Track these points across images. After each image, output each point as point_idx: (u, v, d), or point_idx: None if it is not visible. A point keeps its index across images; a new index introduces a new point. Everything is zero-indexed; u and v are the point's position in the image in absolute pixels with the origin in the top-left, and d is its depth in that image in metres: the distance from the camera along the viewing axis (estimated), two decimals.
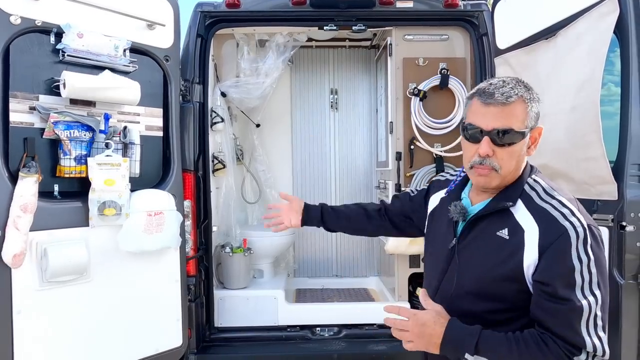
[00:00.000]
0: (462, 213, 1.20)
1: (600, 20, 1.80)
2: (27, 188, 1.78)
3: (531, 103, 1.12)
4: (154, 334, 2.25)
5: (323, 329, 2.88)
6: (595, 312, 1.03)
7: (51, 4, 1.91)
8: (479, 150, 1.10)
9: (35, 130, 1.90)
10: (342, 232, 1.70)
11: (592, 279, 1.03)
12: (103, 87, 1.99)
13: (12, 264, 1.75)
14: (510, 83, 1.12)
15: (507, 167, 1.12)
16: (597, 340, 1.02)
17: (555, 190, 1.14)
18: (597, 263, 1.04)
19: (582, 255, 1.03)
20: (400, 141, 3.04)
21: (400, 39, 3.03)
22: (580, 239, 1.03)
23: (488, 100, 1.09)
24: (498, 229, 1.13)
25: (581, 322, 1.02)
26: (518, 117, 1.09)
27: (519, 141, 1.10)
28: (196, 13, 2.80)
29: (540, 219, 1.08)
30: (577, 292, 1.02)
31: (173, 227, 2.25)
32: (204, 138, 2.78)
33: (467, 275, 1.17)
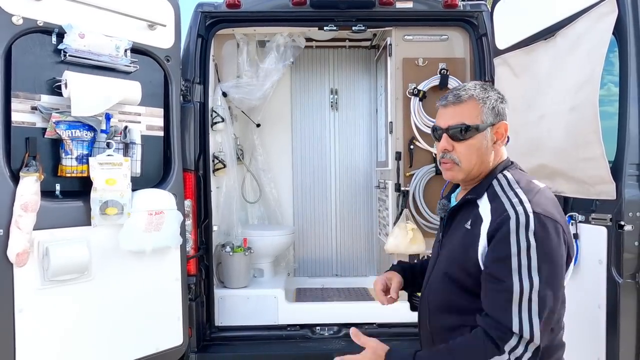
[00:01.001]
0: (444, 209, 1.32)
1: (599, 21, 1.81)
2: (27, 187, 1.79)
3: (485, 100, 1.22)
4: (154, 333, 2.26)
5: (323, 328, 2.89)
6: (530, 296, 1.03)
7: (53, 5, 1.92)
8: (439, 146, 1.25)
9: (37, 130, 1.91)
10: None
11: (531, 264, 1.05)
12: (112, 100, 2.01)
13: (16, 262, 1.76)
14: (467, 86, 1.25)
15: (467, 160, 1.22)
16: (527, 323, 1.03)
17: (519, 182, 1.19)
18: (540, 250, 1.06)
19: (521, 240, 1.06)
20: (400, 141, 3.05)
21: (400, 39, 3.04)
22: (522, 224, 1.07)
23: (443, 102, 1.26)
24: (465, 221, 1.21)
25: (512, 304, 1.04)
26: (471, 113, 1.21)
27: (474, 135, 1.21)
28: (197, 13, 2.81)
29: (494, 209, 1.15)
30: (513, 275, 1.05)
31: (174, 226, 2.26)
32: (205, 138, 2.79)
33: (441, 265, 1.27)
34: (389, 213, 3.17)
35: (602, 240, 1.75)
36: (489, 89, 1.25)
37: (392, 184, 3.08)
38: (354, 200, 4.03)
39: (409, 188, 3.00)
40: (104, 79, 2.04)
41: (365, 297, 3.44)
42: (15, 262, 1.76)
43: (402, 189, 3.02)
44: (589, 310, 1.78)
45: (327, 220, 4.03)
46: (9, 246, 1.76)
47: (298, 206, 4.00)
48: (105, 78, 2.05)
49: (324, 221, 4.02)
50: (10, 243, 1.76)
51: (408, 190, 3.00)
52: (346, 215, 4.02)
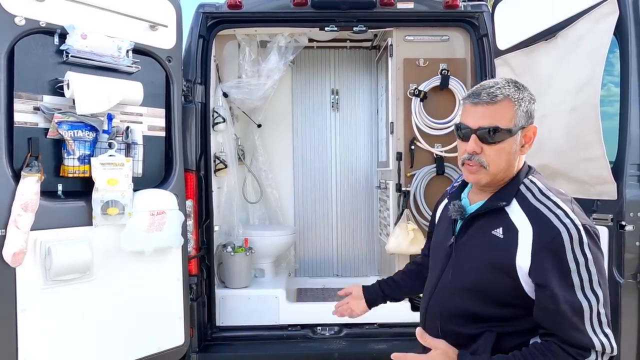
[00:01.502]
0: (460, 211, 1.23)
1: (600, 21, 1.81)
2: (28, 187, 1.79)
3: (520, 102, 1.13)
4: (156, 333, 2.26)
5: (324, 328, 2.89)
6: (598, 310, 1.03)
7: (55, 5, 1.92)
8: (467, 147, 1.15)
9: (39, 130, 1.92)
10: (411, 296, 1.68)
11: (592, 277, 1.04)
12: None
13: (12, 262, 1.76)
14: (500, 83, 1.15)
15: (496, 164, 1.14)
16: (603, 337, 1.03)
17: (551, 190, 1.15)
18: (596, 262, 1.05)
19: (578, 255, 1.04)
20: (401, 141, 3.05)
21: (401, 39, 3.05)
22: (575, 239, 1.04)
23: (475, 100, 1.14)
24: (493, 228, 1.15)
25: (585, 322, 1.02)
26: (504, 115, 1.12)
27: (506, 139, 1.13)
28: (198, 14, 2.81)
29: (535, 220, 1.09)
30: (578, 292, 1.03)
31: (175, 226, 2.27)
32: (206, 138, 2.80)
33: (463, 270, 1.19)
34: (390, 213, 3.17)
35: (603, 240, 1.74)
36: (522, 88, 1.16)
37: (393, 184, 3.08)
38: (354, 200, 4.03)
39: (410, 188, 3.00)
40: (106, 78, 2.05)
41: None
42: (11, 262, 1.76)
43: (403, 189, 3.03)
44: None
45: (328, 221, 4.03)
46: (5, 245, 1.76)
47: (299, 206, 4.01)
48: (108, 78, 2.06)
49: (325, 221, 4.03)
50: (7, 242, 1.76)
51: (409, 191, 3.01)
52: (347, 216, 4.02)
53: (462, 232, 1.23)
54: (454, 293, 1.20)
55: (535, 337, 1.12)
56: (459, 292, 1.19)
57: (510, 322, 1.12)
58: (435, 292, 1.26)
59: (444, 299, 1.21)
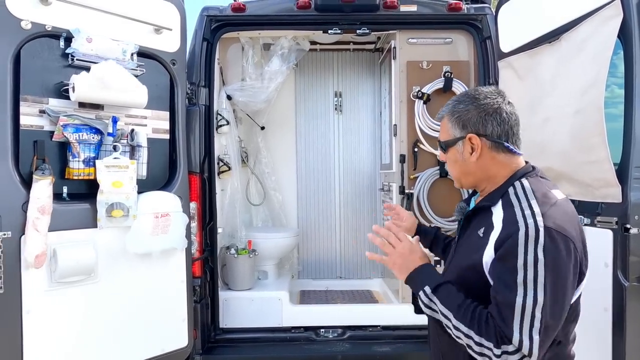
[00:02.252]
0: (462, 212, 1.31)
1: (604, 24, 1.81)
2: (42, 190, 1.82)
3: (453, 114, 1.24)
4: (160, 335, 2.27)
5: (327, 330, 2.89)
6: (533, 312, 1.02)
7: (61, 9, 1.94)
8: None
9: (44, 133, 1.93)
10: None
11: (538, 279, 1.02)
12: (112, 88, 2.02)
13: (35, 264, 1.79)
14: (450, 101, 1.27)
15: (452, 172, 1.30)
16: (527, 339, 1.02)
17: (535, 192, 1.14)
18: (549, 266, 1.03)
19: (529, 253, 1.04)
20: (404, 144, 3.05)
21: (404, 42, 3.05)
22: (531, 238, 1.04)
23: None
24: (479, 228, 1.19)
25: (514, 318, 1.03)
26: (445, 130, 1.27)
27: (450, 149, 1.26)
28: (202, 17, 2.83)
29: (505, 219, 1.12)
30: (518, 289, 1.03)
31: (179, 228, 2.28)
32: (210, 140, 2.81)
33: (452, 270, 1.27)
34: None
35: (608, 243, 1.75)
36: (465, 100, 1.22)
37: (397, 186, 3.08)
38: (358, 202, 4.03)
39: (413, 191, 3.00)
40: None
41: (369, 300, 3.44)
42: (34, 264, 1.79)
43: (407, 191, 3.03)
44: (595, 314, 1.77)
45: (331, 223, 4.03)
46: (27, 249, 1.79)
47: (302, 208, 4.01)
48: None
49: (328, 223, 4.03)
50: (28, 245, 1.79)
51: (412, 193, 3.00)
52: (350, 218, 4.02)
53: (462, 232, 1.30)
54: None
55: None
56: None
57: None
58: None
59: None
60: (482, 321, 1.07)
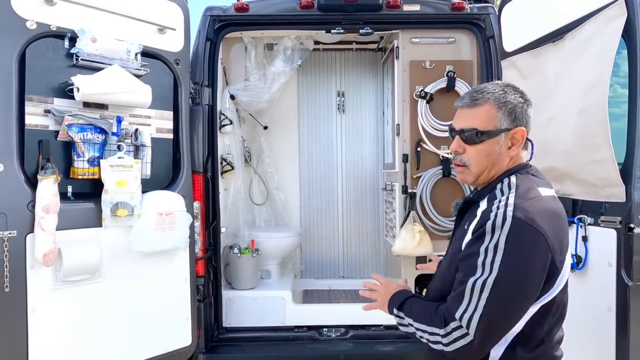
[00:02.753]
0: (456, 208, 1.32)
1: (607, 23, 1.81)
2: (46, 189, 1.83)
3: (503, 105, 1.18)
4: (163, 333, 2.28)
5: (330, 329, 2.90)
6: (480, 294, 1.04)
7: (66, 10, 1.95)
8: (450, 146, 1.26)
9: (49, 132, 1.94)
10: None
11: (493, 265, 1.04)
12: (115, 91, 2.04)
13: (44, 262, 1.81)
14: (487, 87, 1.21)
15: (476, 164, 1.21)
16: (468, 315, 1.04)
17: (518, 187, 1.14)
18: (507, 254, 1.04)
19: (492, 240, 1.06)
20: (407, 143, 3.05)
21: (407, 41, 3.05)
22: (497, 225, 1.07)
23: (459, 103, 1.25)
24: (467, 221, 1.21)
25: (464, 295, 1.06)
26: (483, 118, 1.18)
27: (485, 140, 1.19)
28: (205, 17, 2.84)
29: (484, 211, 1.15)
30: (474, 270, 1.06)
31: (183, 227, 2.28)
32: (213, 140, 2.82)
33: (446, 260, 1.29)
34: (396, 215, 3.17)
35: (611, 242, 1.75)
36: (510, 92, 1.20)
37: (399, 186, 3.08)
38: (360, 202, 4.03)
39: (416, 190, 3.00)
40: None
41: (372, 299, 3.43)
42: (43, 262, 1.81)
43: (409, 191, 3.03)
44: (598, 313, 1.77)
45: (334, 222, 4.03)
46: (35, 248, 1.81)
47: (305, 208, 4.02)
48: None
49: (331, 223, 4.03)
50: (36, 244, 1.81)
51: (415, 193, 3.01)
52: (353, 217, 4.03)
53: (454, 227, 1.34)
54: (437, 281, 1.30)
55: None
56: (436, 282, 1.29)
57: None
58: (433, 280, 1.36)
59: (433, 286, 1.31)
60: (432, 312, 1.12)
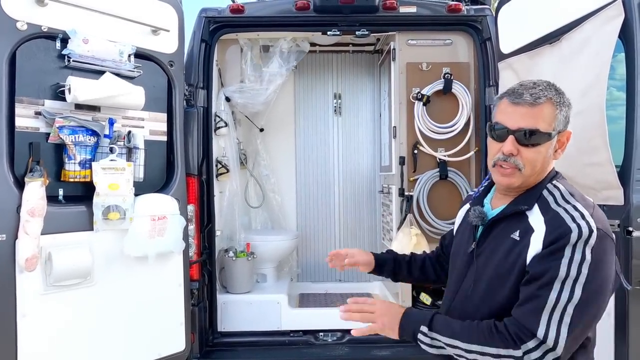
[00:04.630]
0: (481, 217, 1.21)
1: (605, 24, 1.79)
2: (33, 192, 1.79)
3: (561, 107, 1.12)
4: (157, 338, 2.24)
5: (326, 334, 2.87)
6: (565, 307, 0.99)
7: (57, 10, 1.92)
8: (503, 148, 1.12)
9: (40, 135, 1.91)
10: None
11: (579, 278, 1.00)
12: (109, 95, 2.01)
13: (26, 267, 1.77)
14: (541, 85, 1.14)
15: (531, 167, 1.12)
16: (554, 332, 0.98)
17: (573, 195, 1.12)
18: (594, 267, 1.01)
19: (576, 252, 1.01)
20: (404, 146, 3.03)
21: (404, 43, 3.04)
22: (582, 239, 1.01)
23: (516, 100, 1.12)
24: (512, 232, 1.13)
25: (544, 311, 0.99)
26: (545, 118, 1.10)
27: (544, 142, 1.11)
28: (200, 18, 2.82)
29: (550, 221, 1.07)
30: (555, 284, 1.00)
31: (176, 231, 2.25)
32: (208, 142, 2.79)
33: (483, 277, 1.17)
34: (393, 218, 3.15)
35: None
36: (562, 92, 1.15)
37: (396, 188, 3.06)
38: (357, 205, 4.01)
39: (413, 193, 2.99)
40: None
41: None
42: (25, 267, 1.77)
43: (406, 193, 3.01)
44: None
45: (331, 225, 4.01)
46: (17, 252, 1.77)
47: (301, 211, 3.99)
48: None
49: (328, 226, 4.01)
50: (18, 248, 1.77)
51: (412, 195, 2.99)
52: (350, 220, 4.00)
53: (482, 238, 1.21)
54: (475, 300, 1.18)
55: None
56: (479, 300, 1.17)
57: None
58: (455, 299, 1.24)
59: (464, 306, 1.20)
60: (490, 332, 1.03)
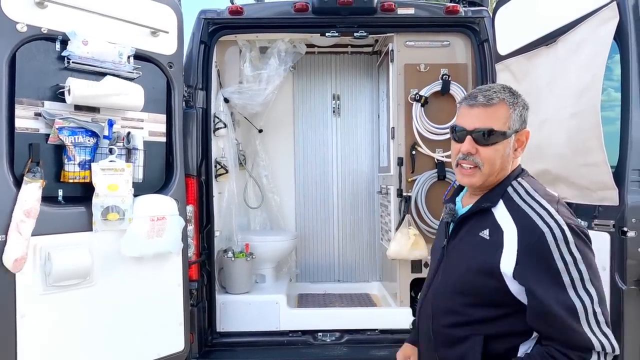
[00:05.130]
0: (452, 214, 1.27)
1: (600, 26, 1.81)
2: (31, 193, 1.80)
3: (515, 106, 1.18)
4: (156, 339, 2.25)
5: (325, 334, 2.88)
6: (593, 309, 1.01)
7: (57, 12, 1.93)
8: (461, 148, 1.19)
9: (40, 136, 1.93)
10: None
11: (583, 276, 1.02)
12: (107, 94, 2.02)
13: (13, 268, 1.75)
14: (495, 87, 1.20)
15: (490, 165, 1.17)
16: (602, 337, 1.00)
17: (537, 191, 1.15)
18: (585, 260, 1.03)
19: (565, 255, 1.03)
20: (402, 147, 3.05)
21: (402, 45, 3.06)
22: (560, 239, 1.04)
23: (472, 102, 1.19)
24: (480, 230, 1.17)
25: (581, 322, 1.00)
26: (499, 118, 1.16)
27: (500, 141, 1.16)
28: (200, 20, 2.83)
29: (518, 221, 1.11)
30: (570, 292, 1.02)
31: (175, 232, 2.26)
32: (207, 143, 2.81)
33: (451, 272, 1.22)
34: (391, 218, 3.17)
35: (605, 246, 1.74)
36: (517, 94, 1.20)
37: (394, 189, 3.07)
38: (356, 205, 4.02)
39: (411, 193, 3.00)
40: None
41: (367, 303, 3.43)
42: (12, 268, 1.75)
43: (404, 194, 3.02)
44: None
45: (329, 226, 4.02)
46: (6, 251, 1.75)
47: (300, 211, 4.00)
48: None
49: (326, 226, 4.02)
50: (8, 248, 1.75)
51: (410, 196, 3.00)
52: (348, 221, 4.02)
53: (453, 234, 1.25)
54: (444, 294, 1.22)
55: (525, 341, 1.12)
56: (448, 294, 1.21)
57: (498, 322, 1.12)
58: (427, 293, 1.28)
59: (435, 300, 1.24)
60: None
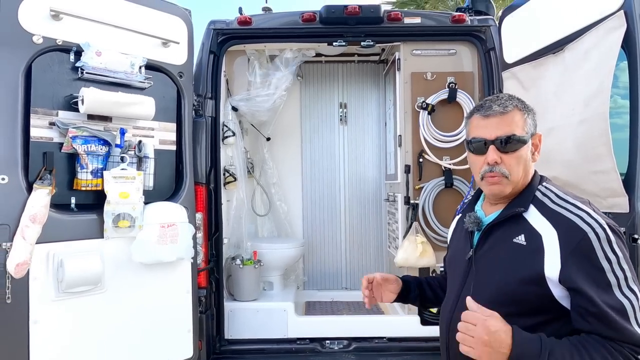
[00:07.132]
0: (477, 222, 1.23)
1: (607, 34, 1.82)
2: (39, 199, 1.82)
3: (527, 112, 1.20)
4: (165, 345, 2.26)
5: (332, 341, 2.87)
6: (639, 306, 1.01)
7: (71, 24, 1.99)
8: (487, 159, 1.16)
9: (54, 144, 1.96)
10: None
11: (627, 274, 1.03)
12: (120, 102, 2.07)
13: (15, 272, 1.75)
14: (505, 96, 1.22)
15: (516, 172, 1.17)
16: None
17: (567, 194, 1.15)
18: (626, 259, 1.04)
19: (609, 254, 1.03)
20: (409, 154, 3.06)
21: (409, 53, 3.08)
22: (603, 238, 1.03)
23: (487, 112, 1.18)
24: (514, 236, 1.14)
25: (630, 320, 1.00)
26: (517, 123, 1.17)
27: (522, 146, 1.17)
28: (209, 30, 2.88)
29: (558, 223, 1.08)
30: (616, 292, 1.02)
31: (185, 239, 2.29)
32: (216, 152, 2.83)
33: (486, 283, 1.17)
34: (399, 226, 3.17)
35: None
36: (523, 101, 1.23)
37: (402, 197, 3.08)
38: (363, 213, 4.03)
39: (419, 201, 3.00)
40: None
41: (375, 311, 3.41)
42: (14, 273, 1.75)
43: (412, 202, 3.02)
44: None
45: (337, 233, 4.03)
46: (10, 255, 1.75)
47: (307, 219, 4.02)
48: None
49: (334, 234, 4.03)
50: (12, 252, 1.75)
51: (417, 203, 3.00)
52: (355, 228, 4.02)
53: (480, 243, 1.21)
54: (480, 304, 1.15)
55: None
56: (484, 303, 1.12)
57: (539, 330, 1.08)
58: (457, 308, 1.22)
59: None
60: (607, 354, 0.99)
